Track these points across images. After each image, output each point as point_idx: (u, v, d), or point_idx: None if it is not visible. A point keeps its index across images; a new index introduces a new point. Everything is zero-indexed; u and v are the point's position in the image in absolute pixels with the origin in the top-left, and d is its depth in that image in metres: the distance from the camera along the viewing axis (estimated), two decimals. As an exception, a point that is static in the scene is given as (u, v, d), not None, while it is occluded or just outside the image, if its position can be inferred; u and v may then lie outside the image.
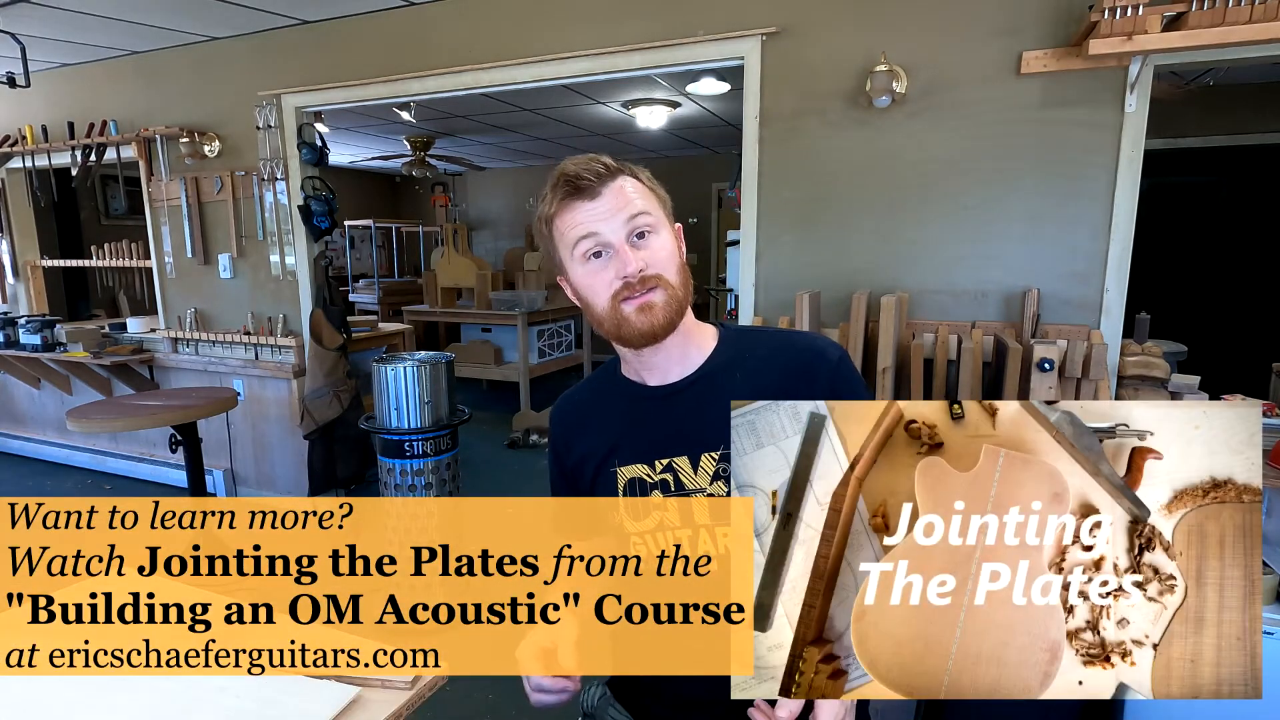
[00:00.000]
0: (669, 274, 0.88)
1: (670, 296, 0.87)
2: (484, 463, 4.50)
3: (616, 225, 0.86)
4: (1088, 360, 1.89)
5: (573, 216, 0.87)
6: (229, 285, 3.68)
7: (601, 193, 0.86)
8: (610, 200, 0.86)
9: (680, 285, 0.89)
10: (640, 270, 0.85)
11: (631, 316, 0.86)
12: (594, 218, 0.86)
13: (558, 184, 0.88)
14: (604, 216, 0.86)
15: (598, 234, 0.86)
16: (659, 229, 0.89)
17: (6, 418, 4.72)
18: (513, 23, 2.77)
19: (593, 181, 0.86)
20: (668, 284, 0.87)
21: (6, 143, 3.94)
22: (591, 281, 0.88)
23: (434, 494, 2.49)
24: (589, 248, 0.87)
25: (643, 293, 0.86)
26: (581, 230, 0.86)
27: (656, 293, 0.86)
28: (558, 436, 1.06)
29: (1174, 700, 1.66)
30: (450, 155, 6.53)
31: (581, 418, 1.04)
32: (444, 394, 2.51)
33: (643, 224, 0.87)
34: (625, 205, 0.86)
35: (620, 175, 0.88)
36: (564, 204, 0.88)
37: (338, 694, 0.89)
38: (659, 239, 0.88)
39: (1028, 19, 2.05)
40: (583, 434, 1.01)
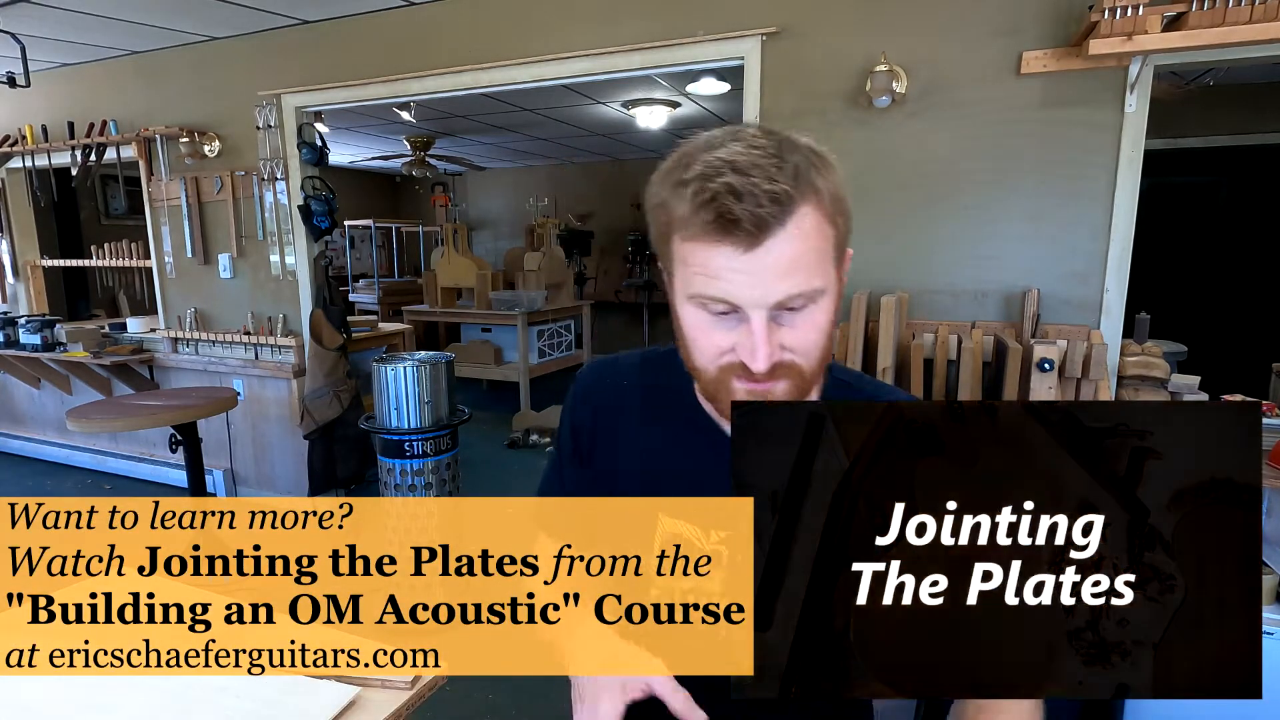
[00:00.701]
0: (809, 362, 0.65)
1: (797, 387, 0.66)
2: (484, 463, 4.50)
3: (764, 295, 0.61)
4: (1088, 360, 1.89)
5: (705, 257, 0.62)
6: (229, 285, 3.68)
7: (763, 243, 0.59)
8: (769, 257, 0.60)
9: (817, 372, 0.67)
10: (774, 362, 0.63)
11: (738, 395, 0.66)
12: (737, 278, 0.61)
13: (701, 196, 0.60)
14: (751, 278, 0.60)
15: (733, 299, 0.62)
16: (820, 297, 0.63)
17: (6, 418, 4.72)
18: (513, 23, 2.77)
19: (752, 229, 0.58)
20: (800, 374, 0.65)
21: (6, 143, 3.94)
22: (699, 334, 0.66)
23: (434, 494, 2.49)
24: (709, 304, 0.63)
25: (765, 381, 0.64)
26: (711, 286, 0.62)
27: (781, 384, 0.65)
28: (583, 417, 0.87)
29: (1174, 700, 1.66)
30: (450, 155, 6.53)
31: (624, 411, 0.84)
32: (444, 394, 2.51)
33: (801, 295, 0.62)
34: (787, 267, 0.60)
35: (801, 205, 0.60)
36: (701, 235, 0.61)
37: (338, 694, 0.89)
38: (815, 311, 0.64)
39: (1028, 19, 2.05)
40: (619, 433, 0.84)
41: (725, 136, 0.64)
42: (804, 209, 0.61)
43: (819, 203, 0.62)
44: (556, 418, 4.05)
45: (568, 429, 0.90)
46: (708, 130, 0.67)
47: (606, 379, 0.88)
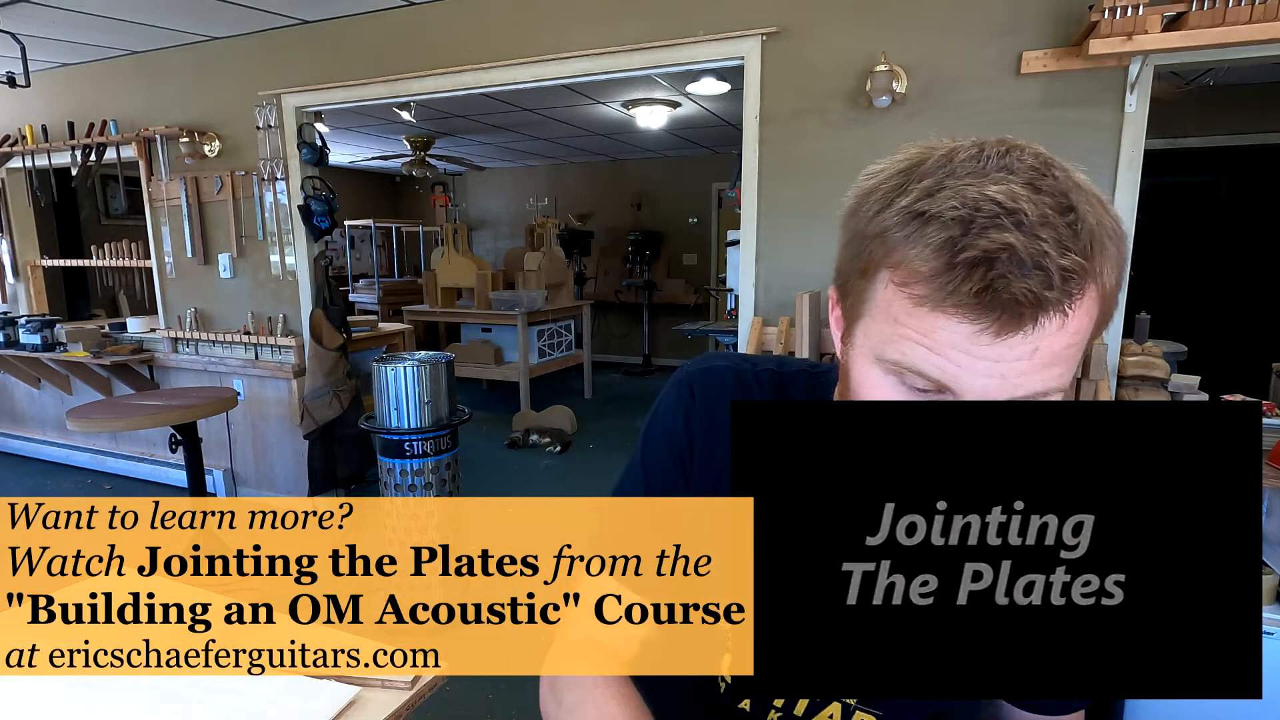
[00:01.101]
0: None
1: None
2: (484, 463, 4.50)
3: (995, 387, 0.46)
4: (1088, 360, 1.89)
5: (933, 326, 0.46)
6: (229, 285, 3.68)
7: (1025, 331, 0.44)
8: (1027, 350, 0.45)
9: None
10: None
11: None
12: (972, 364, 0.46)
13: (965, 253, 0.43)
14: (990, 369, 0.46)
15: (948, 383, 0.47)
16: (1055, 394, 0.49)
17: (6, 418, 4.72)
18: (512, 23, 2.77)
19: (1018, 315, 0.43)
20: None
21: (6, 143, 3.94)
22: (873, 394, 0.52)
23: (434, 494, 2.49)
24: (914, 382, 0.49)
25: None
26: (925, 361, 0.47)
27: None
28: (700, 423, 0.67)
29: (1174, 700, 1.65)
30: (450, 155, 6.54)
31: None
32: (444, 394, 2.51)
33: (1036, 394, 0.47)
34: (1041, 364, 0.46)
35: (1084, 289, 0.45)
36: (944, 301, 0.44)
37: (338, 694, 0.89)
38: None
39: (1028, 19, 2.05)
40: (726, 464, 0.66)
41: (991, 158, 0.47)
42: (1091, 290, 0.45)
43: (1103, 288, 0.46)
44: (556, 418, 4.06)
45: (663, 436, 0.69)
46: (707, 130, 0.59)
47: (734, 391, 0.68)
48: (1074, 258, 0.43)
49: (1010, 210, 0.43)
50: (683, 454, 0.68)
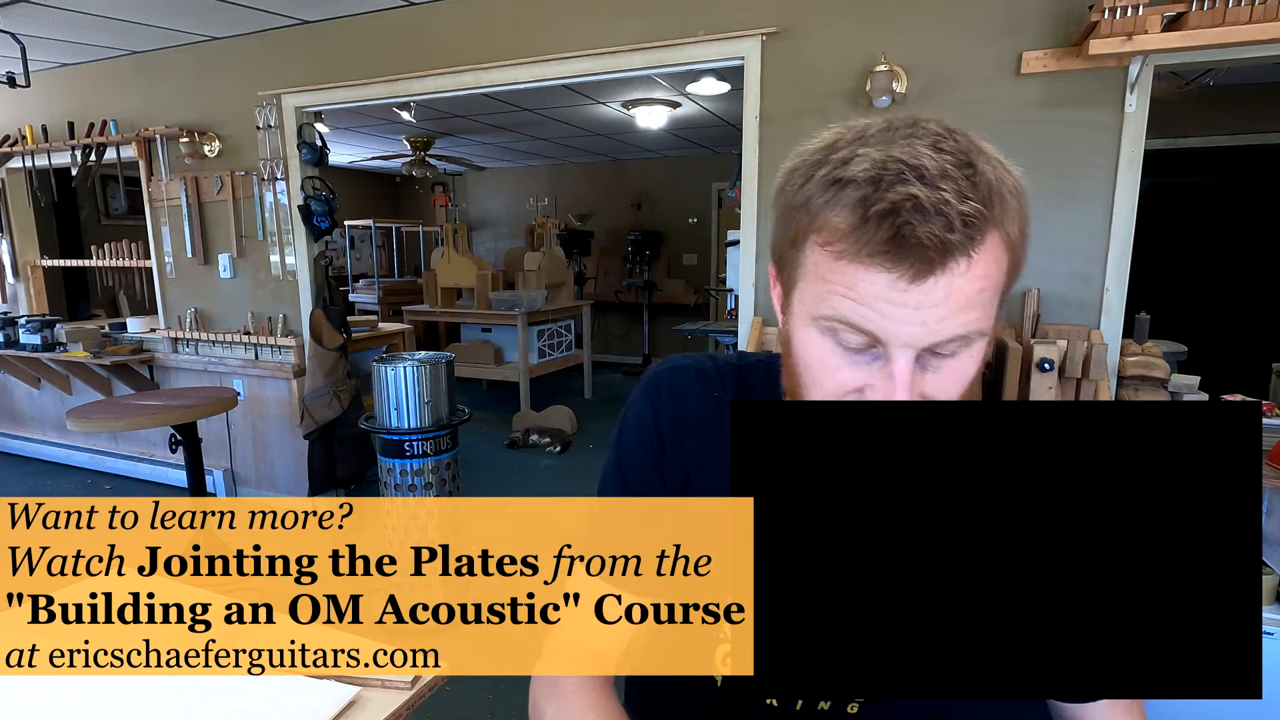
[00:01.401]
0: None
1: None
2: (484, 463, 4.50)
3: (920, 335, 0.50)
4: (1088, 360, 1.89)
5: (856, 278, 0.50)
6: (229, 285, 3.68)
7: (937, 275, 0.48)
8: (942, 293, 0.49)
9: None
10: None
11: None
12: (890, 305, 0.50)
13: (875, 206, 0.48)
14: (910, 314, 0.50)
15: (879, 334, 0.51)
16: (977, 340, 0.53)
17: (6, 418, 4.72)
18: (512, 22, 2.77)
19: (935, 256, 0.47)
20: None
21: (6, 143, 3.94)
22: (818, 362, 0.55)
23: (434, 494, 2.49)
24: (845, 331, 0.52)
25: None
26: (853, 312, 0.51)
27: None
28: (668, 419, 0.71)
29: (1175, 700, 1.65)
30: (450, 155, 6.54)
31: (707, 434, 0.70)
32: (444, 394, 2.51)
33: (960, 338, 0.52)
34: (957, 307, 0.50)
35: (991, 231, 0.50)
36: (861, 253, 0.49)
37: (338, 694, 0.89)
38: (968, 356, 0.54)
39: (1028, 19, 2.05)
40: (703, 464, 0.70)
41: (899, 129, 0.52)
42: (993, 236, 0.50)
43: (1008, 233, 0.51)
44: (556, 418, 4.05)
45: (636, 437, 0.72)
46: (707, 130, 0.62)
47: (696, 386, 0.71)
48: (973, 204, 0.48)
49: (914, 167, 0.48)
50: (654, 450, 0.71)
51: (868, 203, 0.48)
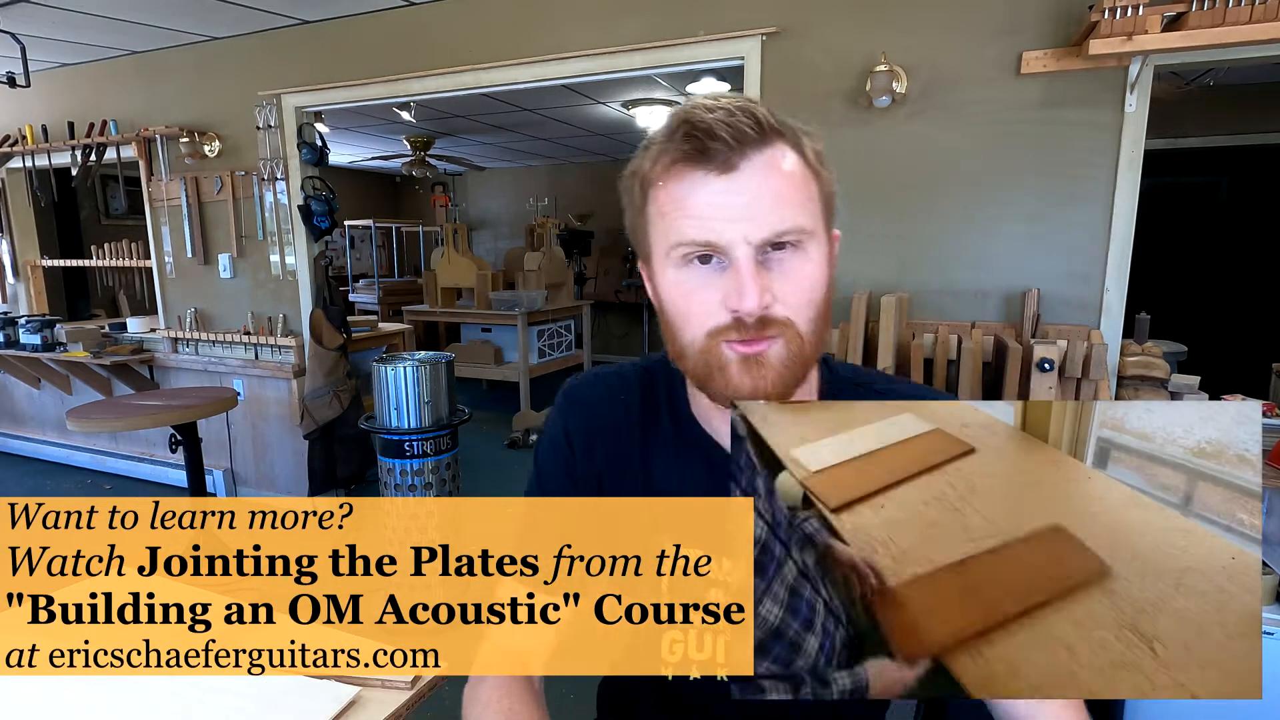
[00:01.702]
0: (802, 318, 0.60)
1: (794, 353, 0.60)
2: (484, 463, 4.50)
3: (748, 229, 0.57)
4: (1088, 360, 1.89)
5: (683, 194, 0.58)
6: (229, 285, 3.68)
7: (739, 166, 0.57)
8: (751, 183, 0.57)
9: (813, 337, 0.61)
10: (763, 307, 0.57)
11: (731, 368, 0.60)
12: (716, 208, 0.57)
13: (675, 132, 0.58)
14: (732, 209, 0.57)
15: (714, 238, 0.57)
16: (809, 243, 0.59)
17: (6, 418, 4.72)
18: (512, 22, 2.77)
19: (728, 147, 0.56)
20: (795, 334, 0.59)
21: (6, 143, 3.94)
22: (683, 298, 0.61)
23: (434, 494, 2.49)
24: (691, 251, 0.59)
25: (757, 340, 0.58)
26: (691, 226, 0.58)
27: (776, 345, 0.59)
28: (577, 429, 0.78)
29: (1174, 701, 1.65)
30: (450, 155, 6.53)
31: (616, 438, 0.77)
32: (444, 394, 2.51)
33: (788, 232, 0.58)
34: (771, 199, 0.57)
35: (777, 141, 0.59)
36: (676, 168, 0.59)
37: (338, 694, 0.89)
38: (805, 259, 0.59)
39: (1028, 19, 2.05)
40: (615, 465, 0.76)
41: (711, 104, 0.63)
42: (783, 143, 0.59)
43: (800, 147, 0.60)
44: (556, 418, 3.96)
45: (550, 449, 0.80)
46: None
47: (603, 395, 0.78)
48: (749, 120, 0.57)
49: (711, 108, 0.58)
50: (567, 461, 0.78)
51: (676, 134, 0.58)
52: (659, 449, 0.75)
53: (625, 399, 0.77)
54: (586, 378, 0.81)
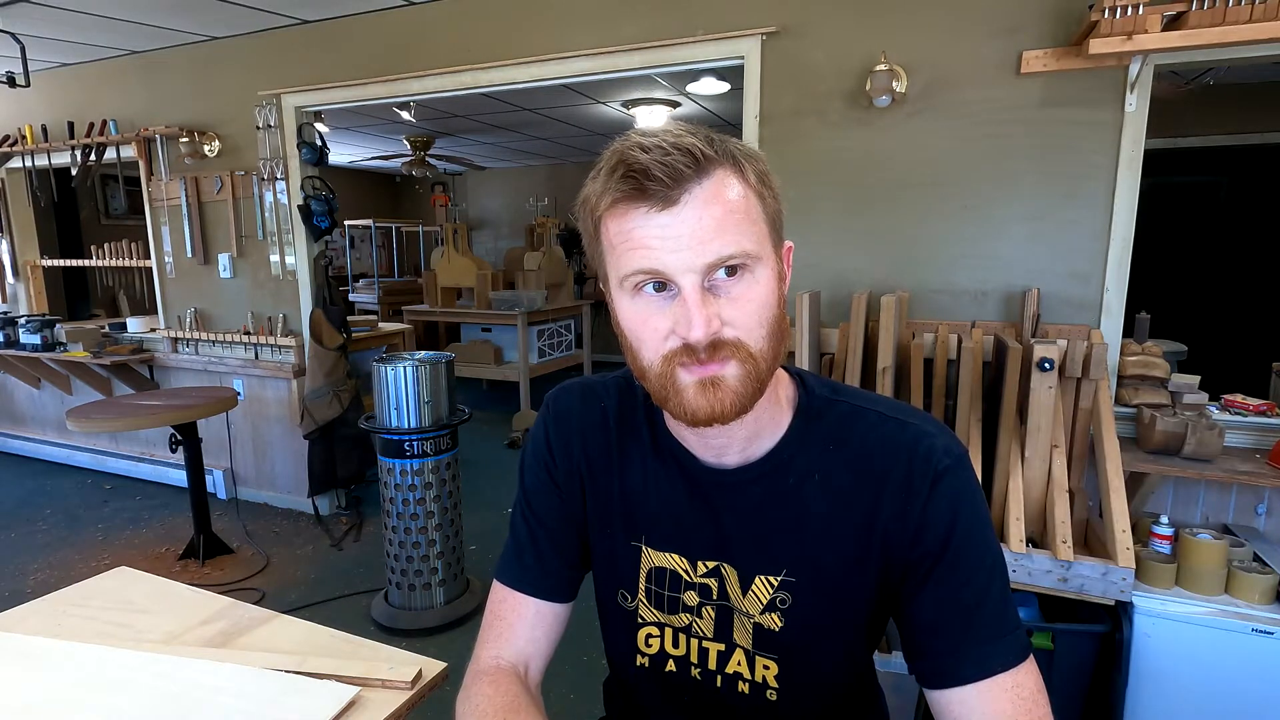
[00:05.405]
0: (753, 338, 0.60)
1: (749, 372, 0.60)
2: (484, 463, 4.50)
3: (691, 258, 0.58)
4: (1088, 360, 1.89)
5: (629, 228, 0.59)
6: (229, 285, 3.68)
7: (681, 201, 0.58)
8: (693, 215, 0.57)
9: (767, 353, 0.61)
10: (712, 334, 0.59)
11: (687, 392, 0.61)
12: (660, 240, 0.58)
13: (614, 172, 0.59)
14: (676, 241, 0.58)
15: (660, 268, 0.58)
16: (756, 266, 0.60)
17: (6, 418, 4.72)
18: (512, 22, 2.77)
19: (667, 185, 0.57)
20: (748, 354, 0.60)
21: (6, 143, 3.94)
22: (639, 325, 0.62)
23: (434, 494, 2.49)
24: (642, 280, 0.60)
25: (709, 363, 0.59)
26: (638, 257, 0.59)
27: (730, 365, 0.60)
28: (557, 436, 0.81)
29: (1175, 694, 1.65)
30: (450, 155, 6.53)
31: (593, 439, 0.79)
32: (444, 394, 2.51)
33: (733, 257, 0.58)
34: (713, 228, 0.58)
35: (717, 169, 0.59)
36: (619, 205, 0.60)
37: (338, 694, 0.89)
38: (752, 282, 0.60)
39: (1028, 19, 2.05)
40: (592, 463, 0.79)
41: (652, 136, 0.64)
42: (722, 172, 0.59)
43: (740, 172, 0.60)
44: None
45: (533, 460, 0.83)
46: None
47: (581, 402, 0.82)
48: (686, 156, 0.57)
49: (647, 147, 0.58)
50: (549, 466, 0.81)
51: (617, 172, 0.59)
52: (635, 455, 0.77)
53: (604, 405, 0.80)
54: (569, 386, 0.84)
